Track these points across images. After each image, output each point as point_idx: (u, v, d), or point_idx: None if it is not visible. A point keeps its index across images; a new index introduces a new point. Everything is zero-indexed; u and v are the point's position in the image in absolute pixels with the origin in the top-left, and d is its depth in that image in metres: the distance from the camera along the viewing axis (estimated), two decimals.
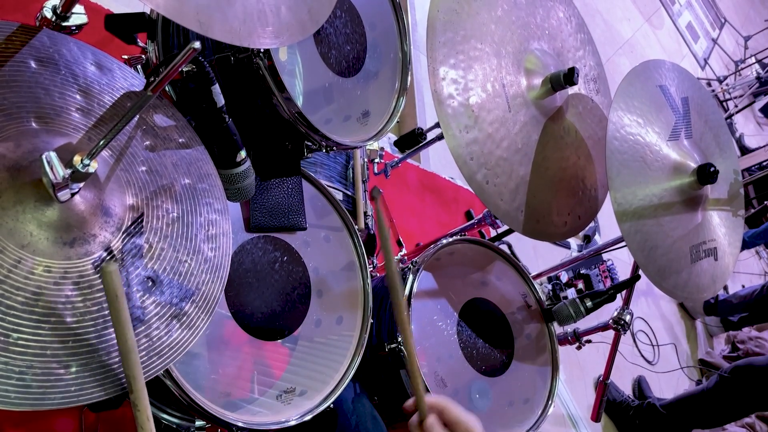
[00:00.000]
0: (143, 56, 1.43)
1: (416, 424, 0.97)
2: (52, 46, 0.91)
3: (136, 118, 0.97)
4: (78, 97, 0.91)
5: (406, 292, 1.49)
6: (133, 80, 1.01)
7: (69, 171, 0.78)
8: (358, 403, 1.42)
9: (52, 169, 0.77)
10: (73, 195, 0.82)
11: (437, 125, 1.59)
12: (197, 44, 0.76)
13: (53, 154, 0.78)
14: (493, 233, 2.45)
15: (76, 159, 0.79)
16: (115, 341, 0.80)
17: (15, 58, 0.85)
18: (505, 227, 2.24)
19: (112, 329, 0.81)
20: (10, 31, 0.86)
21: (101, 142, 0.80)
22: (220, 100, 1.08)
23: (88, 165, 0.79)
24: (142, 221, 0.91)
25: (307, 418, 1.22)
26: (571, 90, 1.66)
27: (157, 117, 1.02)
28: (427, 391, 0.99)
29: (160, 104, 1.03)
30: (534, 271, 2.23)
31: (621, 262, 3.48)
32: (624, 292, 1.81)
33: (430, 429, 0.94)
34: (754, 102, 6.25)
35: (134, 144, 0.96)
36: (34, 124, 0.85)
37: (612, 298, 1.72)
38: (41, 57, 0.88)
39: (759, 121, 6.78)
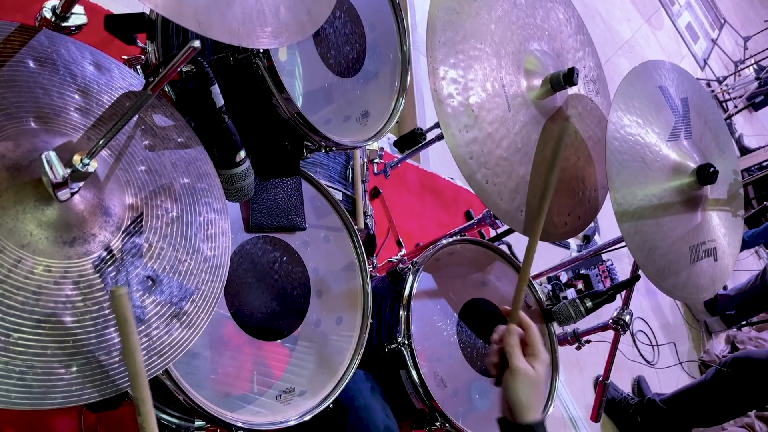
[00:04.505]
0: (143, 57, 1.43)
1: (502, 329, 1.10)
2: (51, 45, 0.91)
3: (135, 118, 0.97)
4: (77, 96, 0.91)
5: (406, 292, 1.49)
6: (131, 80, 1.01)
7: (69, 170, 0.78)
8: (370, 400, 1.41)
9: (51, 168, 0.77)
10: (72, 194, 0.82)
11: (437, 125, 1.59)
12: (197, 43, 0.76)
13: (53, 154, 0.78)
14: (492, 233, 2.45)
15: (76, 158, 0.79)
16: (117, 341, 0.80)
17: (14, 57, 0.85)
18: (505, 227, 2.24)
19: (113, 329, 0.81)
20: (9, 31, 0.86)
21: (101, 142, 0.80)
22: (220, 101, 1.08)
23: (88, 164, 0.79)
24: (141, 221, 0.91)
25: (307, 418, 1.22)
26: (571, 90, 1.66)
27: (156, 117, 1.02)
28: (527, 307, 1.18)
29: (159, 104, 1.04)
30: (534, 271, 2.23)
31: (620, 262, 3.48)
32: (624, 293, 1.81)
33: (509, 332, 1.08)
34: (753, 102, 6.25)
35: (133, 143, 0.96)
36: (33, 124, 0.85)
37: (612, 299, 1.71)
38: (40, 57, 0.88)
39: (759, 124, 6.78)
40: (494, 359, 1.11)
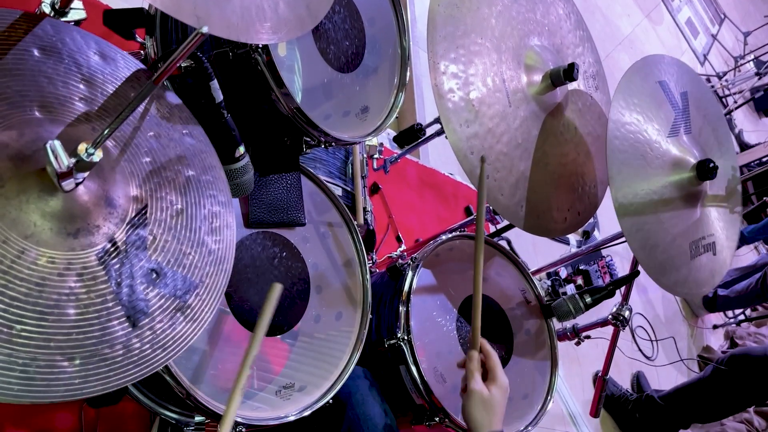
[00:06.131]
0: (142, 52, 1.43)
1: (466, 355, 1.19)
2: (56, 34, 0.90)
3: (140, 109, 0.97)
4: (81, 86, 0.91)
5: (406, 288, 1.49)
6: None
7: (73, 160, 0.77)
8: (368, 396, 1.41)
9: (56, 157, 0.76)
10: (77, 185, 0.81)
11: (436, 121, 1.59)
12: (205, 29, 0.76)
13: (57, 143, 0.77)
14: (492, 229, 2.45)
15: (81, 148, 0.78)
16: (120, 334, 0.80)
17: (18, 46, 0.84)
18: (505, 223, 2.24)
19: (116, 321, 0.81)
20: (14, 18, 0.85)
21: (105, 131, 0.80)
22: (219, 96, 1.08)
23: (93, 154, 0.78)
24: (146, 213, 0.90)
25: (306, 413, 1.22)
26: (571, 86, 1.66)
27: (161, 107, 1.01)
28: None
29: (164, 95, 1.03)
30: (533, 267, 2.23)
31: (620, 257, 3.49)
32: (623, 288, 1.81)
33: (470, 358, 1.18)
34: (753, 98, 6.25)
35: (138, 135, 0.95)
36: (37, 113, 0.84)
37: (611, 294, 1.71)
38: (44, 45, 0.88)
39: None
40: (462, 384, 1.21)
